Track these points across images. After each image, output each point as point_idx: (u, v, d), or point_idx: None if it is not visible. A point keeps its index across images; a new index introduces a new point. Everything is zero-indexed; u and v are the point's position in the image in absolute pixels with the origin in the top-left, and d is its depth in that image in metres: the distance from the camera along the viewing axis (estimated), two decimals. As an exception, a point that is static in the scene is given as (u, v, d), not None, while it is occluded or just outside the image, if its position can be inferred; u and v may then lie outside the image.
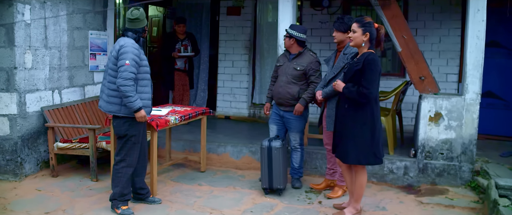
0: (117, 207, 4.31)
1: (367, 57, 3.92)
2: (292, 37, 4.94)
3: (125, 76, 4.01)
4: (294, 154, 5.15)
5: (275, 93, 5.06)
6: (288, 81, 4.94)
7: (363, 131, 3.97)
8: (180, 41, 7.49)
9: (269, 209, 4.55)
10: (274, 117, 5.16)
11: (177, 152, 6.25)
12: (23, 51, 5.19)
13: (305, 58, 4.95)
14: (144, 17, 4.25)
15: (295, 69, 4.92)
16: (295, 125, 5.03)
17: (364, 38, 3.96)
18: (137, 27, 4.22)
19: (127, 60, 4.03)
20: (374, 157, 4.02)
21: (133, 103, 4.05)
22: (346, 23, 4.61)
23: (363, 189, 4.19)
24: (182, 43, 7.49)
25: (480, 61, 5.00)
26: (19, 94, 5.18)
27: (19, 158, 5.21)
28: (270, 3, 8.12)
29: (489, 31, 5.19)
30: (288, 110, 5.01)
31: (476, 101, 5.06)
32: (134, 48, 4.11)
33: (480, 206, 4.58)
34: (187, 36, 7.55)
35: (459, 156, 5.16)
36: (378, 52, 7.51)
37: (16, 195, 4.82)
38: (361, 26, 3.96)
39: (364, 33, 3.95)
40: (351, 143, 4.02)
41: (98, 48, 6.35)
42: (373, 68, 3.88)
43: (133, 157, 4.30)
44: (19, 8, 5.10)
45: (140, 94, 4.17)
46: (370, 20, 3.98)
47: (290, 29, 4.97)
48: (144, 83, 4.22)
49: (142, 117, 4.14)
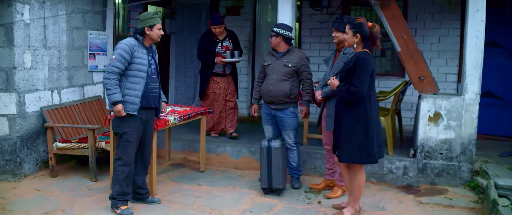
0: (116, 207, 4.32)
1: (359, 56, 3.95)
2: (279, 35, 4.98)
3: (108, 70, 4.19)
4: (290, 153, 5.14)
5: (266, 91, 5.03)
6: (279, 78, 4.94)
7: (356, 130, 4.00)
8: (219, 42, 6.37)
9: (268, 209, 4.55)
10: (267, 117, 5.15)
11: (177, 152, 6.24)
12: (22, 51, 5.19)
13: (294, 55, 4.99)
14: (144, 18, 4.29)
15: (286, 66, 4.94)
16: (288, 123, 5.03)
17: (355, 40, 4.00)
18: (139, 26, 4.33)
19: (113, 55, 4.21)
20: (367, 156, 4.03)
21: (110, 96, 4.18)
22: (343, 22, 4.63)
23: (362, 189, 4.20)
24: (222, 45, 6.38)
25: (479, 61, 5.00)
26: (18, 94, 5.17)
27: (18, 158, 5.21)
28: (269, 3, 8.12)
29: (488, 31, 5.20)
30: (279, 108, 5.00)
31: (475, 102, 5.06)
32: (125, 45, 4.22)
33: (479, 206, 4.59)
34: (227, 35, 6.44)
35: (458, 156, 5.16)
36: (377, 52, 7.60)
37: (15, 195, 4.81)
38: (352, 27, 4.01)
39: (354, 35, 4.00)
40: (345, 142, 4.05)
41: (97, 48, 6.35)
42: (364, 67, 3.91)
43: (129, 156, 4.31)
44: (18, 8, 5.09)
45: (128, 90, 4.23)
46: (361, 21, 4.00)
47: (276, 28, 5.03)
48: (135, 81, 4.25)
49: (118, 111, 4.21)
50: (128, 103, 4.23)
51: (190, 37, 8.59)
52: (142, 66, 4.28)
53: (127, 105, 4.23)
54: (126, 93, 4.23)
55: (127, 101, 4.23)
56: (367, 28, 3.98)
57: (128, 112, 4.23)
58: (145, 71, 4.29)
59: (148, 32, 4.30)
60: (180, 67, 8.71)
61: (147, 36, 4.31)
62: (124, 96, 4.23)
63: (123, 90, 4.23)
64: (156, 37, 4.35)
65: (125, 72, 4.25)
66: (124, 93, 4.23)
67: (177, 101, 8.68)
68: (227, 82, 6.45)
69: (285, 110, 5.00)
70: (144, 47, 4.33)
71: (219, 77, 6.41)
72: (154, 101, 4.44)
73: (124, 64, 4.20)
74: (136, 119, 4.29)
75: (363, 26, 3.98)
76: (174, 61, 8.76)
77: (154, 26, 4.29)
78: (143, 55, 4.29)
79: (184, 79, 8.70)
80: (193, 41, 8.58)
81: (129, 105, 4.24)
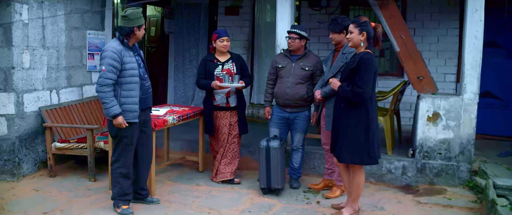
0: (117, 206, 4.31)
1: (363, 56, 3.93)
2: (303, 38, 4.92)
3: (100, 82, 3.98)
4: (295, 154, 5.15)
5: (282, 95, 4.96)
6: (295, 82, 4.91)
7: (357, 131, 3.99)
8: (220, 64, 5.15)
9: (267, 209, 4.55)
10: (277, 120, 5.09)
11: (175, 152, 6.24)
12: (21, 51, 5.18)
13: (310, 59, 4.96)
14: (134, 17, 4.07)
15: (304, 69, 4.91)
16: (301, 125, 5.03)
17: (361, 38, 3.97)
18: (125, 26, 4.09)
19: (103, 66, 3.99)
20: (368, 157, 4.03)
21: (108, 110, 3.99)
22: (341, 24, 4.65)
23: (361, 189, 4.20)
24: (223, 67, 5.14)
25: (478, 61, 5.00)
26: (17, 94, 5.16)
27: (16, 158, 5.20)
28: (268, 3, 8.12)
29: (487, 31, 5.20)
30: (295, 111, 5.00)
31: (474, 101, 5.07)
32: (113, 52, 3.99)
33: (478, 206, 4.59)
34: (231, 58, 5.20)
35: (457, 156, 5.17)
36: (376, 52, 7.60)
37: (14, 195, 4.81)
38: (358, 26, 3.98)
39: (361, 33, 3.97)
40: (346, 142, 4.03)
41: (96, 48, 6.34)
42: (368, 68, 3.89)
43: (127, 158, 4.28)
44: (17, 8, 5.09)
45: (125, 99, 4.08)
46: (366, 20, 4.00)
47: (299, 30, 4.89)
48: (130, 87, 4.10)
49: (119, 124, 4.03)
50: (128, 112, 4.10)
51: (189, 37, 8.59)
52: (134, 71, 4.11)
53: (126, 114, 4.09)
54: (124, 102, 4.08)
55: (126, 110, 4.08)
56: (371, 27, 3.99)
57: (129, 120, 4.11)
58: (138, 75, 4.14)
59: (137, 32, 4.14)
60: (179, 67, 8.71)
61: (134, 36, 4.15)
62: (121, 105, 4.06)
63: (119, 99, 4.07)
64: (141, 36, 4.22)
65: (118, 80, 4.06)
66: (121, 102, 4.07)
67: (176, 101, 8.67)
68: (231, 116, 5.22)
69: (300, 113, 5.00)
70: (129, 48, 4.16)
71: (222, 112, 5.21)
72: (150, 101, 4.39)
73: (116, 74, 4.01)
74: (135, 122, 4.21)
75: (368, 24, 3.98)
76: (173, 61, 8.76)
77: (141, 26, 4.15)
78: (131, 58, 4.12)
79: (183, 79, 8.70)
80: (191, 41, 8.59)
81: (128, 113, 4.10)
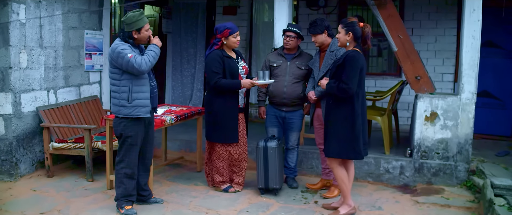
0: (121, 207, 4.31)
1: (348, 54, 4.04)
2: (300, 37, 4.93)
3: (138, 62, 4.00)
4: (291, 153, 5.15)
5: (279, 93, 4.94)
6: (292, 81, 4.91)
7: (343, 126, 4.08)
8: (235, 61, 4.79)
9: (265, 209, 4.55)
10: (274, 119, 5.08)
11: (173, 152, 6.23)
12: (18, 51, 5.17)
13: (304, 57, 4.98)
14: (130, 22, 4.06)
15: (300, 68, 4.92)
16: (297, 124, 5.04)
17: (347, 38, 4.08)
18: (124, 30, 4.12)
19: (128, 53, 4.00)
20: (353, 152, 4.11)
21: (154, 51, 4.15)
22: (320, 25, 4.68)
23: (345, 183, 4.23)
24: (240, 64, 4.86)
25: (475, 61, 5.01)
26: (14, 94, 5.15)
27: (14, 158, 5.19)
28: (266, 2, 8.12)
29: (484, 31, 5.20)
30: (291, 110, 5.00)
31: (471, 101, 5.07)
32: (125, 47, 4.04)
33: (475, 206, 4.60)
34: (237, 54, 4.94)
35: (455, 155, 5.17)
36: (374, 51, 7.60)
37: (11, 195, 4.80)
38: (344, 26, 4.10)
39: (346, 33, 4.08)
40: (333, 137, 4.13)
41: (93, 48, 6.33)
42: (353, 64, 3.99)
43: (132, 158, 4.28)
44: (14, 8, 5.07)
45: (137, 94, 4.14)
46: (353, 20, 4.09)
47: (297, 29, 4.90)
48: (141, 82, 4.17)
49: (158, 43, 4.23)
50: (140, 107, 4.16)
51: (187, 36, 8.59)
52: None
53: (139, 109, 4.15)
54: (136, 97, 4.14)
55: (139, 106, 4.15)
56: (358, 27, 4.07)
57: (141, 115, 4.17)
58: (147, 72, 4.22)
59: (136, 36, 4.12)
60: (177, 67, 8.70)
61: (136, 40, 4.15)
62: (134, 100, 4.13)
63: (131, 95, 4.12)
64: (145, 39, 4.19)
65: (129, 76, 4.10)
66: (134, 97, 4.13)
67: (174, 101, 8.67)
68: (242, 117, 4.92)
69: (295, 112, 5.00)
70: (136, 47, 4.20)
71: (241, 114, 4.89)
72: (156, 101, 4.41)
73: None
74: (141, 122, 4.24)
75: (355, 25, 4.07)
76: (171, 61, 8.75)
77: (141, 29, 4.11)
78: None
79: (181, 79, 8.69)
80: (189, 40, 8.58)
81: (141, 109, 4.16)
